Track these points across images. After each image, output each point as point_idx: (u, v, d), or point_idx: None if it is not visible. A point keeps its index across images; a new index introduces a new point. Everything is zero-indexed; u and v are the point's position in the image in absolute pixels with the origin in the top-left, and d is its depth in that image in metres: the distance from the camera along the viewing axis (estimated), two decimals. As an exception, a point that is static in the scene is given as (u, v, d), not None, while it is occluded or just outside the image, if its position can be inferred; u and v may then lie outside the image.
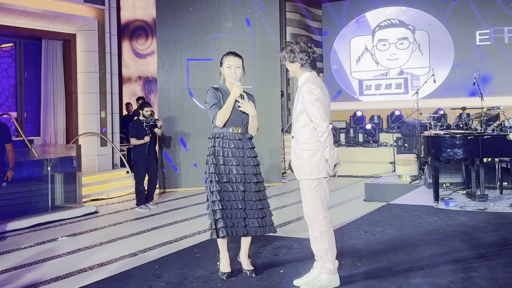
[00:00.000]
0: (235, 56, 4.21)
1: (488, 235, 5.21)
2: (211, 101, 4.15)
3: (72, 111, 9.80)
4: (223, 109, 4.10)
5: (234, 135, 4.14)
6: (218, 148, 4.12)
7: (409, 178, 8.44)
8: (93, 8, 9.76)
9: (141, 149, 7.92)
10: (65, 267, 5.01)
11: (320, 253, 3.81)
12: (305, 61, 3.83)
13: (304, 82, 3.82)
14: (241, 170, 4.10)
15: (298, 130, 3.81)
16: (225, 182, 4.07)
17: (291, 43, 3.90)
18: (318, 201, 3.77)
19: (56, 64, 9.75)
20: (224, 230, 3.99)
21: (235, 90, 4.11)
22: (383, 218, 6.17)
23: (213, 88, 4.21)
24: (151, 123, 7.92)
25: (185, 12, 9.77)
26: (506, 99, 11.33)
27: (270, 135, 9.85)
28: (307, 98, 3.72)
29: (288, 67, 3.93)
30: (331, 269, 3.80)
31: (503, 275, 3.97)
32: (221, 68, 4.24)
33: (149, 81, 12.43)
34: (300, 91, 3.80)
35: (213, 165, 4.08)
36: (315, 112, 3.68)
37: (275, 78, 10.30)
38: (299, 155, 3.80)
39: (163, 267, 4.61)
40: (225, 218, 4.02)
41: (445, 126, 8.96)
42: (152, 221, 7.12)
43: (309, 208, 3.80)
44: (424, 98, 11.47)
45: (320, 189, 3.77)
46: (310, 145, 3.74)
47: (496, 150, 6.45)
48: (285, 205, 7.97)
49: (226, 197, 4.06)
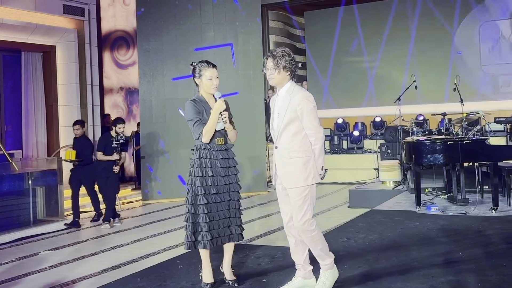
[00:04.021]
0: (213, 66, 4.17)
1: (469, 239, 5.25)
2: (194, 117, 4.07)
3: (53, 124, 9.74)
4: (209, 126, 4.04)
5: (220, 146, 4.14)
6: (205, 160, 4.08)
7: (393, 184, 8.50)
8: (72, 20, 9.73)
9: (103, 165, 7.70)
10: (47, 281, 4.96)
11: (317, 253, 3.86)
12: (293, 69, 3.84)
13: (295, 91, 3.79)
14: (227, 180, 4.13)
15: (287, 139, 3.78)
16: (214, 194, 4.07)
17: (282, 51, 3.83)
18: (309, 208, 3.78)
19: (36, 76, 9.70)
20: (210, 243, 4.02)
21: (220, 104, 4.06)
22: (366, 224, 6.19)
23: (193, 102, 4.12)
24: (121, 140, 7.72)
25: (166, 22, 9.76)
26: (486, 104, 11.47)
27: (254, 144, 9.85)
28: (304, 106, 3.72)
29: (275, 75, 3.80)
30: (331, 262, 3.91)
31: (482, 278, 4.00)
32: (198, 80, 4.16)
33: (131, 91, 12.37)
34: (290, 99, 3.75)
35: (199, 177, 4.05)
36: (314, 120, 3.72)
37: (258, 87, 10.32)
38: (290, 163, 3.76)
39: (145, 279, 4.57)
40: (211, 230, 4.04)
41: (427, 131, 9.04)
42: (134, 233, 7.07)
43: (300, 216, 3.76)
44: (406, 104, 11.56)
45: (312, 196, 3.79)
46: (303, 152, 3.75)
47: (475, 155, 6.52)
48: (270, 214, 7.96)
49: (213, 208, 4.07)
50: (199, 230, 4.06)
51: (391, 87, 12.45)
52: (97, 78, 10.31)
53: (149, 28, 9.71)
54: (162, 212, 8.57)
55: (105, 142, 7.74)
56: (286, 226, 3.94)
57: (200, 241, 4.04)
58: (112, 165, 7.68)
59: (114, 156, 7.65)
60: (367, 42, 13.52)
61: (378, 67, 13.45)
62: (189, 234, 4.11)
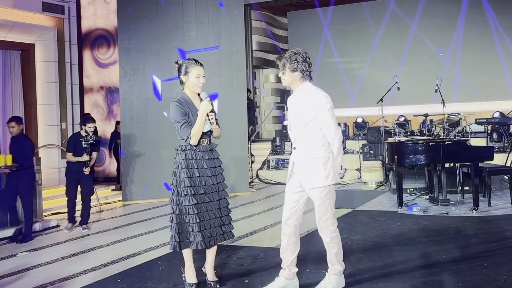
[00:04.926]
0: (201, 65, 4.15)
1: (450, 239, 5.29)
2: (181, 119, 4.02)
3: (32, 123, 9.57)
4: (197, 128, 4.01)
5: (205, 146, 4.13)
6: (191, 161, 4.06)
7: (375, 185, 8.53)
8: (52, 17, 9.57)
9: (73, 167, 7.24)
10: (25, 283, 4.85)
11: (330, 257, 3.89)
12: (306, 71, 3.84)
13: (312, 91, 3.82)
14: (215, 180, 4.13)
15: (306, 140, 3.81)
16: (202, 194, 4.05)
17: (292, 52, 3.89)
18: (329, 207, 3.84)
19: (15, 74, 9.52)
20: (202, 243, 3.99)
21: (207, 105, 4.02)
22: (348, 224, 6.19)
23: (178, 102, 4.06)
24: (91, 141, 7.23)
25: (147, 21, 9.65)
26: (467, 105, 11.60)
27: (236, 145, 9.79)
28: (323, 107, 3.74)
29: (286, 77, 3.86)
30: (340, 271, 3.91)
31: (463, 278, 4.02)
32: (185, 77, 4.11)
33: (111, 91, 12.21)
34: (310, 100, 3.78)
35: (188, 178, 4.01)
36: (331, 120, 3.75)
37: (241, 87, 10.26)
38: (310, 164, 3.80)
39: (126, 280, 4.51)
40: (202, 230, 4.01)
41: (409, 132, 9.11)
42: (115, 234, 6.95)
43: (321, 215, 3.84)
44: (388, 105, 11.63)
45: (332, 195, 3.86)
46: (322, 152, 3.78)
47: (457, 156, 6.57)
48: (252, 214, 7.91)
49: (203, 208, 4.04)
50: (190, 230, 4.02)
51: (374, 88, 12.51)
52: (77, 77, 10.16)
53: (130, 26, 9.58)
54: (143, 213, 8.46)
55: (74, 143, 7.26)
56: (284, 223, 3.95)
57: (192, 242, 4.01)
58: (82, 166, 7.23)
59: (84, 157, 7.19)
60: (350, 44, 13.59)
61: (358, 68, 13.54)
62: (174, 234, 4.08)
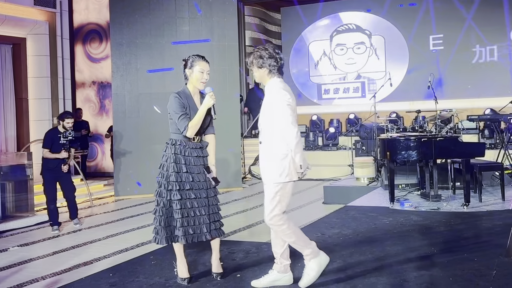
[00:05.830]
0: (206, 61, 4.16)
1: (441, 234, 5.32)
2: (179, 110, 4.02)
3: (23, 118, 9.51)
4: (196, 120, 4.02)
5: (195, 143, 4.12)
6: (179, 156, 4.05)
7: (367, 180, 8.55)
8: (44, 11, 9.49)
9: (52, 164, 6.97)
10: (16, 277, 4.84)
11: (293, 245, 3.86)
12: (273, 67, 3.84)
13: (273, 88, 3.82)
14: (202, 177, 4.11)
15: (268, 135, 3.82)
16: (188, 190, 4.04)
17: (259, 48, 3.89)
18: (278, 204, 3.78)
19: (6, 69, 9.44)
20: (183, 238, 3.99)
21: (209, 100, 4.03)
22: (340, 220, 6.22)
23: (177, 95, 4.07)
24: (70, 137, 6.96)
25: (140, 15, 9.61)
26: (459, 101, 11.67)
27: (229, 140, 9.79)
28: (277, 104, 3.73)
29: (255, 73, 3.91)
30: (312, 252, 3.86)
31: (454, 272, 4.05)
32: (189, 71, 4.11)
33: (103, 86, 12.15)
34: (270, 97, 3.80)
35: (174, 173, 4.02)
36: (283, 117, 3.72)
37: (234, 83, 10.26)
38: (268, 158, 3.81)
39: (118, 275, 4.50)
40: (184, 225, 4.00)
41: (401, 128, 9.14)
42: (107, 229, 6.95)
43: (268, 211, 3.81)
44: (381, 101, 11.68)
45: (282, 193, 3.78)
46: (283, 148, 3.76)
47: (448, 152, 6.61)
48: (245, 209, 7.93)
49: (188, 204, 4.03)
50: (174, 224, 4.03)
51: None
52: (68, 71, 10.11)
53: (123, 21, 9.53)
54: (135, 208, 8.46)
55: (51, 139, 6.96)
56: None
57: (175, 236, 4.03)
58: (61, 163, 7.00)
59: (62, 154, 6.93)
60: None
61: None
62: (157, 227, 4.09)
